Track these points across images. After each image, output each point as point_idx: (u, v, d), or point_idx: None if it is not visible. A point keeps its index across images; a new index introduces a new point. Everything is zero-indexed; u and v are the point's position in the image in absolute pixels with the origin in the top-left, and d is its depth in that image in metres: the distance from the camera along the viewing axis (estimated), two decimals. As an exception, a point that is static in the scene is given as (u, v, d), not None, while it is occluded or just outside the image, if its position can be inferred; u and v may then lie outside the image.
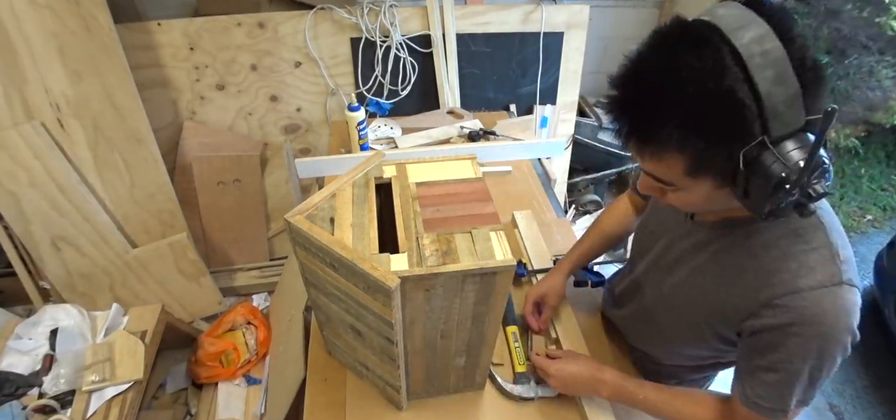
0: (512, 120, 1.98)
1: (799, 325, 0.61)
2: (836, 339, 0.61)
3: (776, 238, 0.65)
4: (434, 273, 0.66)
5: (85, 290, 1.83)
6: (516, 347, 1.01)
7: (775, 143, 0.52)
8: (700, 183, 0.59)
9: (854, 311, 0.61)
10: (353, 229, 0.73)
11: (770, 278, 0.64)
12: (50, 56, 1.50)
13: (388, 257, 0.68)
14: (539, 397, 0.93)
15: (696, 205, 0.67)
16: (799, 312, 0.61)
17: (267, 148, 2.19)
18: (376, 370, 0.87)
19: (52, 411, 1.35)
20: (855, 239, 3.18)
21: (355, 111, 1.58)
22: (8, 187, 1.58)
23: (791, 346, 0.62)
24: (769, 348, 0.65)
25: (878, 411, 2.12)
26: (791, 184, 0.52)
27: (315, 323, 1.08)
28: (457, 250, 0.69)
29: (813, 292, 0.61)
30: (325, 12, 1.92)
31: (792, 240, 0.64)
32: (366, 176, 0.83)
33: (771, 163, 0.52)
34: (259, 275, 2.27)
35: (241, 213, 2.19)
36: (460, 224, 0.74)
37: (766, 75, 0.50)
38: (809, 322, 0.61)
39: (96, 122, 1.64)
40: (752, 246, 0.67)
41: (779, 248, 0.65)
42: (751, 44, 0.50)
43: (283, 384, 1.52)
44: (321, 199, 0.76)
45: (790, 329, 0.62)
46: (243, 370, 1.83)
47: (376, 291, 0.65)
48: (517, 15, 2.05)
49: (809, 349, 0.62)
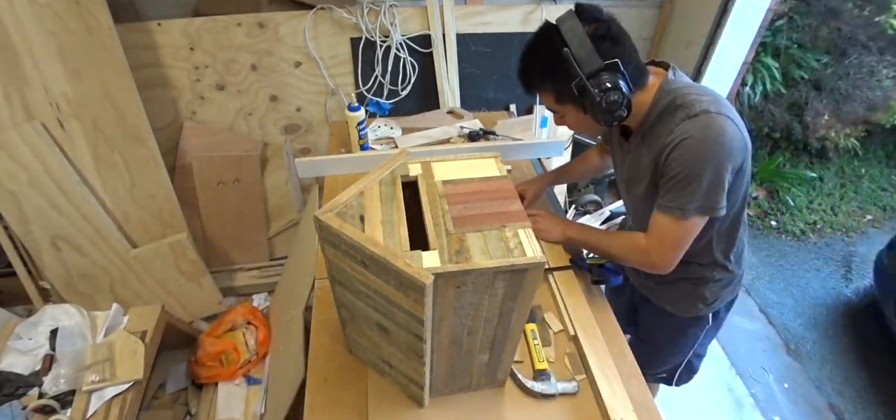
0: (512, 120, 1.98)
1: (682, 141, 0.90)
2: (712, 147, 0.88)
3: (658, 122, 0.97)
4: (467, 269, 0.66)
5: (85, 290, 1.83)
6: (536, 344, 1.02)
7: (589, 77, 0.89)
8: (568, 108, 0.99)
9: (724, 128, 0.88)
10: (383, 226, 0.73)
11: (670, 132, 0.93)
12: (50, 56, 1.50)
13: (420, 254, 0.68)
14: (560, 394, 0.94)
15: (576, 124, 1.03)
16: (682, 132, 0.90)
17: (267, 148, 2.19)
18: (400, 367, 0.87)
19: (52, 411, 1.35)
20: (855, 239, 3.18)
21: (355, 111, 1.58)
22: (8, 187, 1.58)
23: (680, 157, 0.90)
24: (668, 167, 0.93)
25: (878, 411, 2.12)
26: (599, 94, 0.89)
27: (316, 323, 1.08)
28: (487, 247, 0.70)
29: (689, 120, 0.90)
30: (325, 12, 1.92)
31: (666, 114, 0.95)
32: (392, 174, 0.84)
33: (592, 88, 0.89)
34: (259, 275, 2.27)
35: (241, 213, 2.19)
36: (489, 221, 0.75)
37: (574, 41, 0.88)
38: (688, 141, 0.89)
39: (96, 122, 1.64)
40: (651, 133, 0.99)
41: (662, 122, 0.96)
42: (567, 28, 0.89)
43: (283, 384, 1.52)
44: (350, 197, 0.76)
45: (678, 147, 0.90)
46: (243, 370, 1.83)
47: (408, 288, 0.65)
48: (517, 15, 2.05)
49: (692, 156, 0.89)
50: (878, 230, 3.26)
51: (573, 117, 1.00)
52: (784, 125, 3.48)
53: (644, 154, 1.02)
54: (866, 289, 2.75)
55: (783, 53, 3.23)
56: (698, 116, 0.89)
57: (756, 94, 3.21)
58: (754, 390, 2.16)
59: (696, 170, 0.89)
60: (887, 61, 3.41)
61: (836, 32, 3.36)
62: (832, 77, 3.43)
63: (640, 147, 1.04)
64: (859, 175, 3.67)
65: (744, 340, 2.42)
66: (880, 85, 3.43)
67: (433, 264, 0.67)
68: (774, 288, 2.77)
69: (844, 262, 2.98)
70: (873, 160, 3.81)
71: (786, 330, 2.50)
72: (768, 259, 2.98)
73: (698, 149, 0.88)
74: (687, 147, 0.89)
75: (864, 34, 3.38)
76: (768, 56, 3.19)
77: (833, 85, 3.44)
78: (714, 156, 0.88)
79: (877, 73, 3.42)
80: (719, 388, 2.16)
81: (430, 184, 0.83)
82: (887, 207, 3.44)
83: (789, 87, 3.37)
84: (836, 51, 3.40)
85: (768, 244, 3.11)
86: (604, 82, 0.88)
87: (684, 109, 0.92)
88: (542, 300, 1.16)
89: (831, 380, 2.26)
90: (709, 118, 0.88)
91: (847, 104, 3.47)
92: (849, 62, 3.41)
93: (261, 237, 2.27)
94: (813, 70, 3.33)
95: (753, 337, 2.45)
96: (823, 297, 2.71)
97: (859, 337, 2.47)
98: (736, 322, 2.50)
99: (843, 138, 3.56)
